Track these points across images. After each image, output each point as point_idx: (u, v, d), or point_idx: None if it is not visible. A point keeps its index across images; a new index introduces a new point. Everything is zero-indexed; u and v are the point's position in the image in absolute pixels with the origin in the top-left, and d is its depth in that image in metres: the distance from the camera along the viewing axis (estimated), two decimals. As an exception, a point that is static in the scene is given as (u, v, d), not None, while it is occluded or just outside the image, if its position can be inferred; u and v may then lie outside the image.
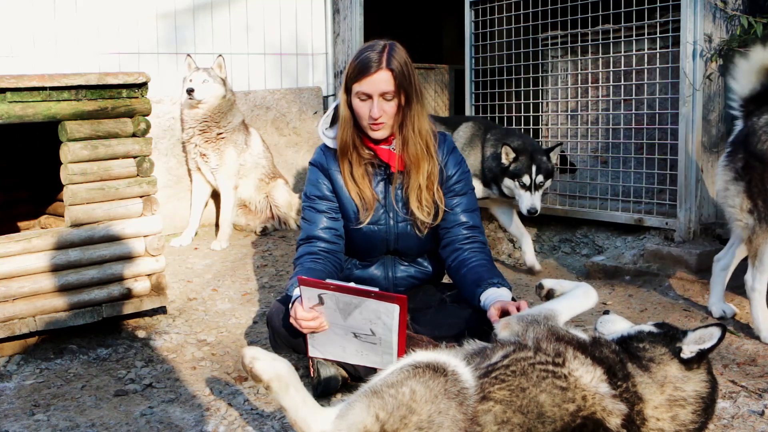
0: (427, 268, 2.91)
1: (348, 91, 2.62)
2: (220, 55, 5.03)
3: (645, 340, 1.98)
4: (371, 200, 2.72)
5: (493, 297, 2.47)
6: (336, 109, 2.76)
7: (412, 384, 1.79)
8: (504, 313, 2.31)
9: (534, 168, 4.00)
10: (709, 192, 4.18)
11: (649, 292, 3.74)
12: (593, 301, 2.23)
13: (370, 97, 2.56)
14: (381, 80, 2.54)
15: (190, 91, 4.82)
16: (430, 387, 1.78)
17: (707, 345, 1.90)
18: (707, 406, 1.90)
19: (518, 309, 2.27)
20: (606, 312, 2.23)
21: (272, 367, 1.98)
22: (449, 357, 1.91)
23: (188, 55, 4.98)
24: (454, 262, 2.75)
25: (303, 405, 1.94)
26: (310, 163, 2.82)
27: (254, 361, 1.99)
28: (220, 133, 5.03)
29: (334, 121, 2.77)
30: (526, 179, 4.01)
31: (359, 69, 2.56)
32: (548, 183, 4.13)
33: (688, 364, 1.92)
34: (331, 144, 2.76)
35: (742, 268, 3.96)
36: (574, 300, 2.21)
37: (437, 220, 2.75)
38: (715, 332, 1.90)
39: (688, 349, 1.92)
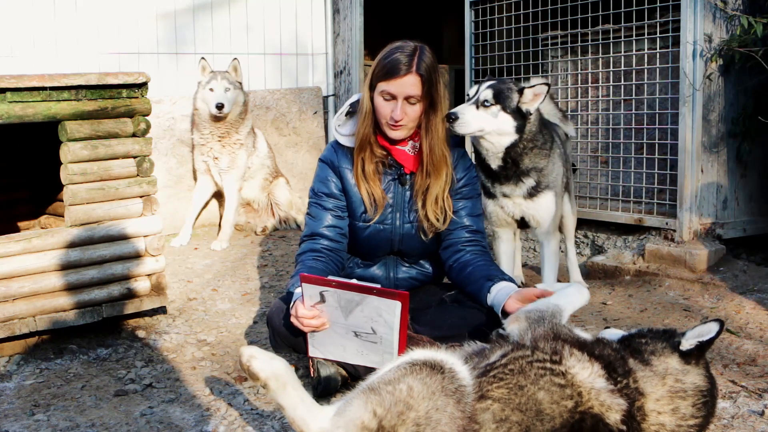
0: (428, 270, 2.91)
1: (372, 87, 2.62)
2: (235, 58, 5.06)
3: (646, 336, 2.02)
4: (381, 199, 2.72)
5: (504, 292, 2.49)
6: (351, 105, 2.76)
7: (409, 381, 1.80)
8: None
9: (486, 84, 3.12)
10: (709, 192, 4.18)
11: (649, 292, 3.74)
12: (586, 298, 2.33)
13: (394, 97, 2.56)
14: (408, 84, 2.54)
15: (219, 107, 4.82)
16: (428, 384, 1.79)
17: (706, 337, 1.93)
18: (706, 402, 1.92)
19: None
20: (607, 327, 2.33)
21: (269, 365, 1.99)
22: (446, 355, 1.92)
23: (202, 57, 5.00)
24: (456, 263, 2.75)
25: (301, 403, 1.94)
26: (320, 160, 2.82)
27: (252, 360, 2.00)
28: (239, 139, 5.07)
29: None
30: (471, 90, 3.21)
31: (388, 69, 2.55)
32: (502, 115, 3.05)
33: (688, 357, 1.94)
34: (343, 141, 2.75)
35: (742, 268, 3.97)
36: (570, 297, 2.29)
37: (444, 225, 2.77)
38: (714, 326, 1.94)
39: (688, 342, 1.95)
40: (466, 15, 5.31)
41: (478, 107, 3.04)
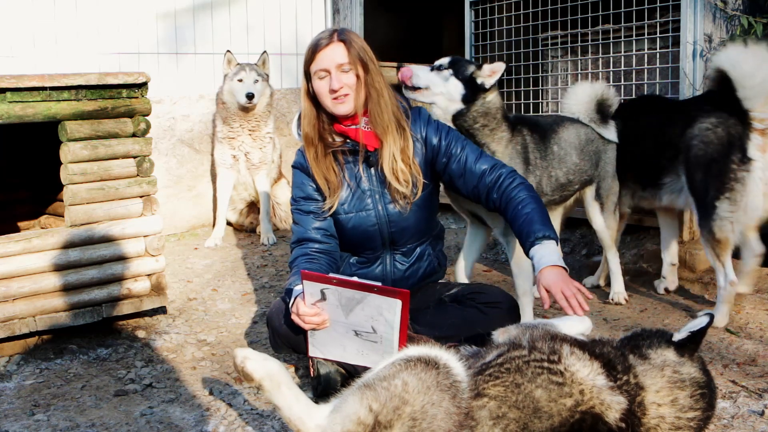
0: (426, 263, 2.87)
1: (308, 76, 2.66)
2: (264, 51, 5.13)
3: (641, 334, 2.06)
4: (336, 185, 2.70)
5: (538, 261, 2.46)
6: None
7: (404, 376, 1.81)
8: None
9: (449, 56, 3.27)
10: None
11: (649, 292, 3.74)
12: (586, 326, 2.29)
13: (328, 72, 2.60)
14: (335, 52, 2.59)
15: (250, 97, 4.86)
16: (423, 379, 1.80)
17: (697, 328, 1.98)
18: (704, 394, 1.93)
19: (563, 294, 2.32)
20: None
21: (263, 366, 2.00)
22: (441, 351, 1.93)
23: (228, 51, 5.03)
24: (501, 211, 2.72)
25: (296, 402, 1.95)
26: (293, 166, 2.82)
27: (246, 361, 2.01)
28: (268, 133, 5.12)
29: None
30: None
31: (313, 49, 2.62)
32: (453, 80, 3.10)
33: (682, 348, 1.97)
34: None
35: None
36: (568, 321, 2.27)
37: (417, 193, 2.72)
38: (704, 319, 1.99)
39: (680, 334, 2.00)
40: (466, 15, 5.31)
41: (432, 69, 3.14)
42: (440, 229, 3.00)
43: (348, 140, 2.71)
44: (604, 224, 3.64)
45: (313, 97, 2.67)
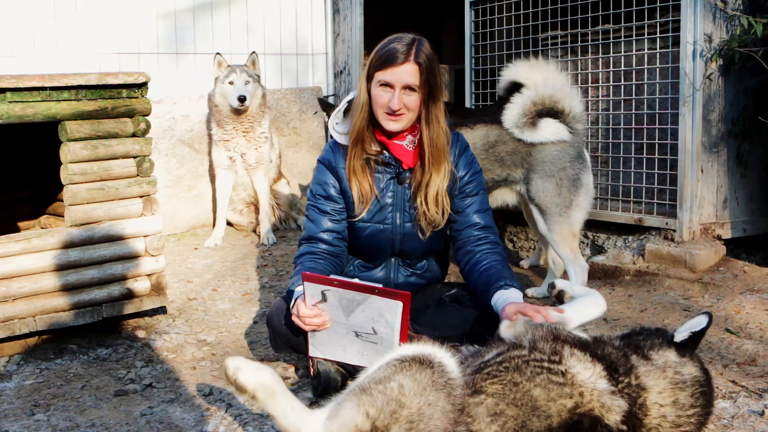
0: (429, 274, 2.87)
1: (369, 78, 2.57)
2: (253, 52, 5.10)
3: (642, 333, 2.07)
4: (368, 194, 2.66)
5: (503, 300, 2.44)
6: (348, 103, 2.72)
7: (399, 378, 1.81)
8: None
9: None
10: (709, 192, 4.18)
11: (649, 292, 3.74)
12: (601, 310, 2.27)
13: (391, 87, 2.52)
14: (406, 72, 2.50)
15: (242, 99, 4.85)
16: (418, 380, 1.80)
17: (698, 328, 1.99)
18: (704, 392, 1.94)
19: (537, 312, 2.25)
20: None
21: (256, 376, 1.96)
22: (434, 349, 1.92)
23: (218, 53, 5.02)
24: (467, 265, 2.70)
25: (291, 410, 1.92)
26: (319, 161, 2.76)
27: (238, 372, 1.96)
28: (263, 133, 5.12)
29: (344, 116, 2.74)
30: None
31: (385, 58, 2.51)
32: None
33: (683, 349, 1.98)
34: (340, 139, 2.71)
35: (742, 268, 3.97)
36: (583, 307, 2.25)
37: (439, 225, 2.70)
38: (703, 319, 2.01)
39: (681, 335, 2.00)
40: (466, 15, 5.31)
41: None
42: (447, 242, 2.99)
43: (386, 152, 2.66)
44: (547, 228, 3.53)
45: (369, 95, 2.59)
